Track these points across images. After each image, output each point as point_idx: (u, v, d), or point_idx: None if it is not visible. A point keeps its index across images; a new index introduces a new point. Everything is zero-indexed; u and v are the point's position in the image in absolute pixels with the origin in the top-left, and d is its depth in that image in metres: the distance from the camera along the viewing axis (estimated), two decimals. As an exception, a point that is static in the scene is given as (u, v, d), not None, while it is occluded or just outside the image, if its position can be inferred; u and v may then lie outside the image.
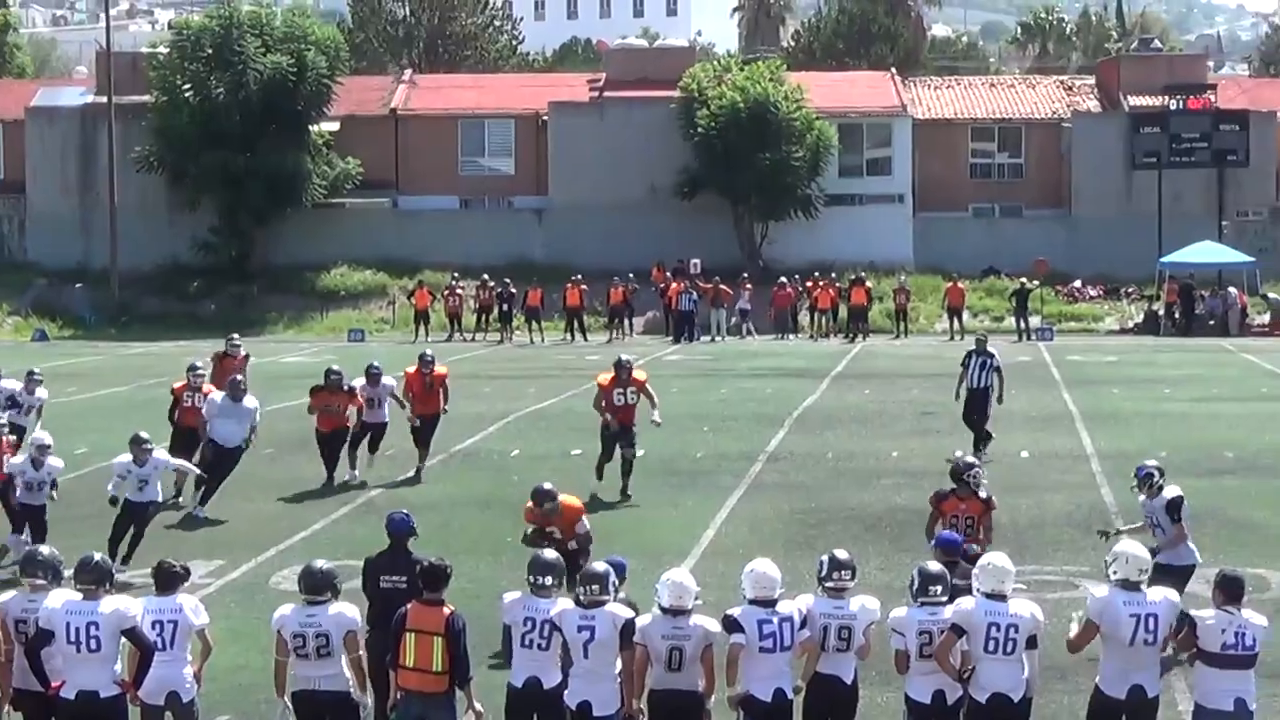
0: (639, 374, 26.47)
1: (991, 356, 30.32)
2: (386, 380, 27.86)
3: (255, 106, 65.89)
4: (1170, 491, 16.71)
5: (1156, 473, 16.90)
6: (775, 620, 12.71)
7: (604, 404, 25.83)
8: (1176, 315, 61.03)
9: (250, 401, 25.38)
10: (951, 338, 56.17)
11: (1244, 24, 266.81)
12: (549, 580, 12.94)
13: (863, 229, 69.06)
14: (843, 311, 60.35)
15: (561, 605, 12.84)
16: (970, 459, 17.30)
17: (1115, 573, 12.82)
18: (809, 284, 61.64)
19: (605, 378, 26.07)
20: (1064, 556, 21.70)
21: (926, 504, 18.19)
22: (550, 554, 13.31)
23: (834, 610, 12.96)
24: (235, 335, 33.01)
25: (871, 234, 68.97)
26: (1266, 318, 61.62)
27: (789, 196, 67.08)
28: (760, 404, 37.43)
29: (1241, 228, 69.87)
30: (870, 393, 39.34)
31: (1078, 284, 67.53)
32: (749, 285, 60.90)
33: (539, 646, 12.77)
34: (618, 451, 25.80)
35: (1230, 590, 12.57)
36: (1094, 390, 40.47)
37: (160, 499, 22.18)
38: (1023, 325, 58.81)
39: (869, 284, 61.07)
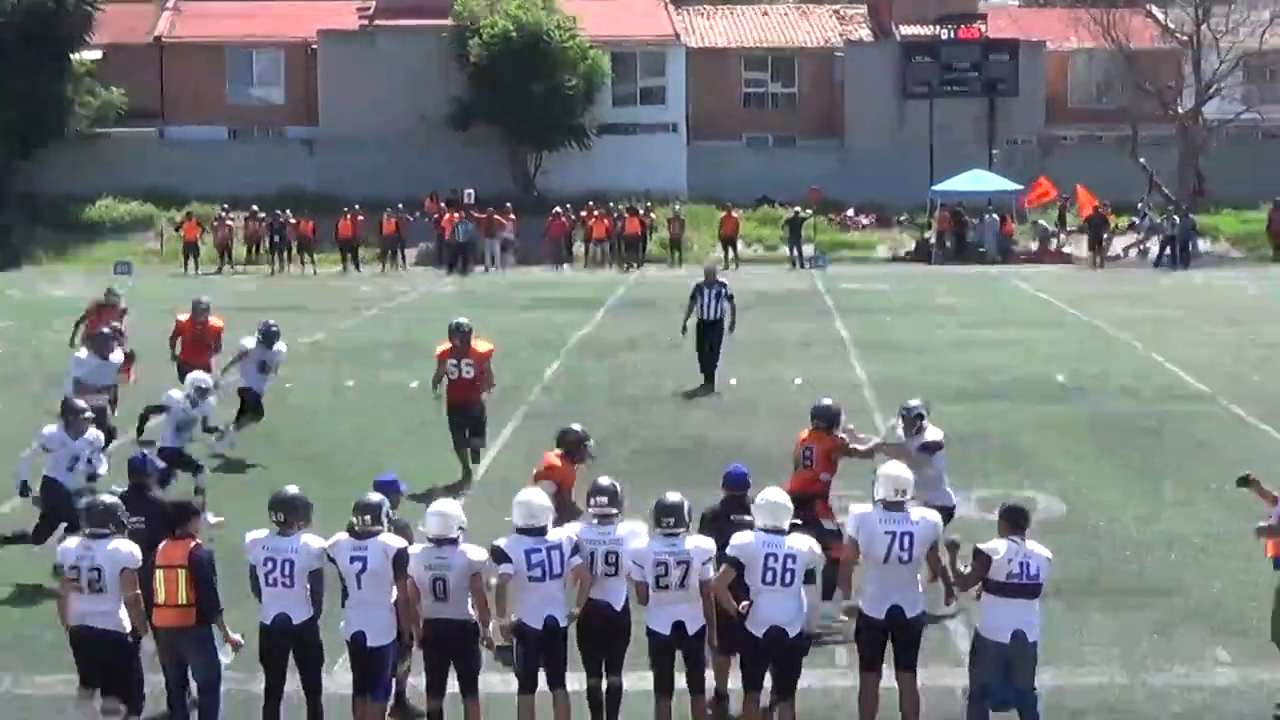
0: (480, 344, 22.43)
1: (724, 286, 30.15)
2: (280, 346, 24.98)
3: (13, 33, 63.92)
4: (932, 434, 16.64)
5: (925, 411, 16.84)
6: (544, 549, 12.64)
7: (438, 377, 22.30)
8: (948, 243, 61.77)
9: (119, 356, 23.47)
10: (726, 266, 56.30)
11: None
12: (283, 517, 12.75)
13: (637, 158, 68.94)
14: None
15: (336, 537, 12.70)
16: (828, 402, 17.07)
17: (876, 493, 12.96)
18: (583, 214, 61.40)
19: (441, 347, 22.15)
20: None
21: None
22: (290, 491, 13.04)
23: (599, 536, 12.91)
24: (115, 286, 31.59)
25: (646, 163, 68.87)
26: (1035, 244, 62.59)
27: (563, 126, 66.74)
28: (536, 333, 37.20)
29: (1011, 156, 70.85)
30: (645, 323, 39.25)
31: (850, 212, 68.04)
32: (512, 216, 60.39)
33: (283, 584, 12.59)
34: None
35: (1014, 520, 12.60)
36: (867, 318, 40.81)
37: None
38: (796, 254, 59.12)
39: (643, 214, 60.97)
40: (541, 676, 12.75)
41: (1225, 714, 13.71)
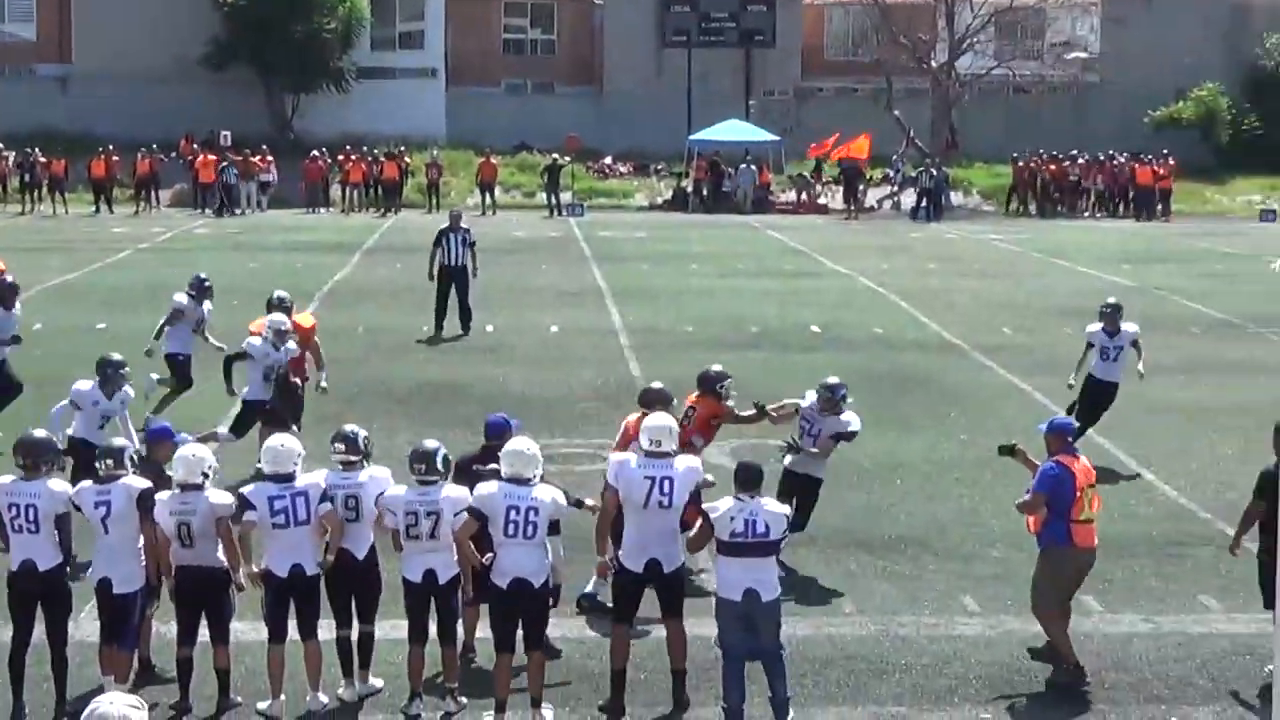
0: (303, 319, 21.29)
1: (467, 231, 30.11)
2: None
3: None
4: (851, 421, 16.39)
5: (846, 394, 16.60)
6: (288, 495, 12.46)
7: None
8: (704, 192, 62.02)
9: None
10: (483, 213, 55.99)
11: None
12: (26, 460, 12.39)
13: (395, 103, 68.32)
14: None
15: (82, 483, 12.49)
16: (716, 368, 16.85)
17: (641, 443, 12.89)
18: (340, 158, 60.60)
19: (257, 322, 20.20)
20: (592, 430, 21.71)
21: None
22: (36, 434, 12.71)
23: (341, 482, 12.76)
24: None
25: (404, 108, 68.30)
26: (792, 195, 63.11)
27: (320, 69, 65.89)
28: (291, 278, 36.61)
29: (767, 107, 71.36)
30: (401, 267, 38.84)
31: (608, 160, 68.08)
32: (269, 158, 59.48)
33: (28, 530, 12.27)
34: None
35: (744, 478, 12.41)
36: (623, 266, 40.83)
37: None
38: (554, 201, 58.91)
39: (401, 159, 60.38)
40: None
41: (971, 663, 13.86)
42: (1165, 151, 62.01)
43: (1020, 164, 61.60)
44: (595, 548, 13.04)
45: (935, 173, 60.36)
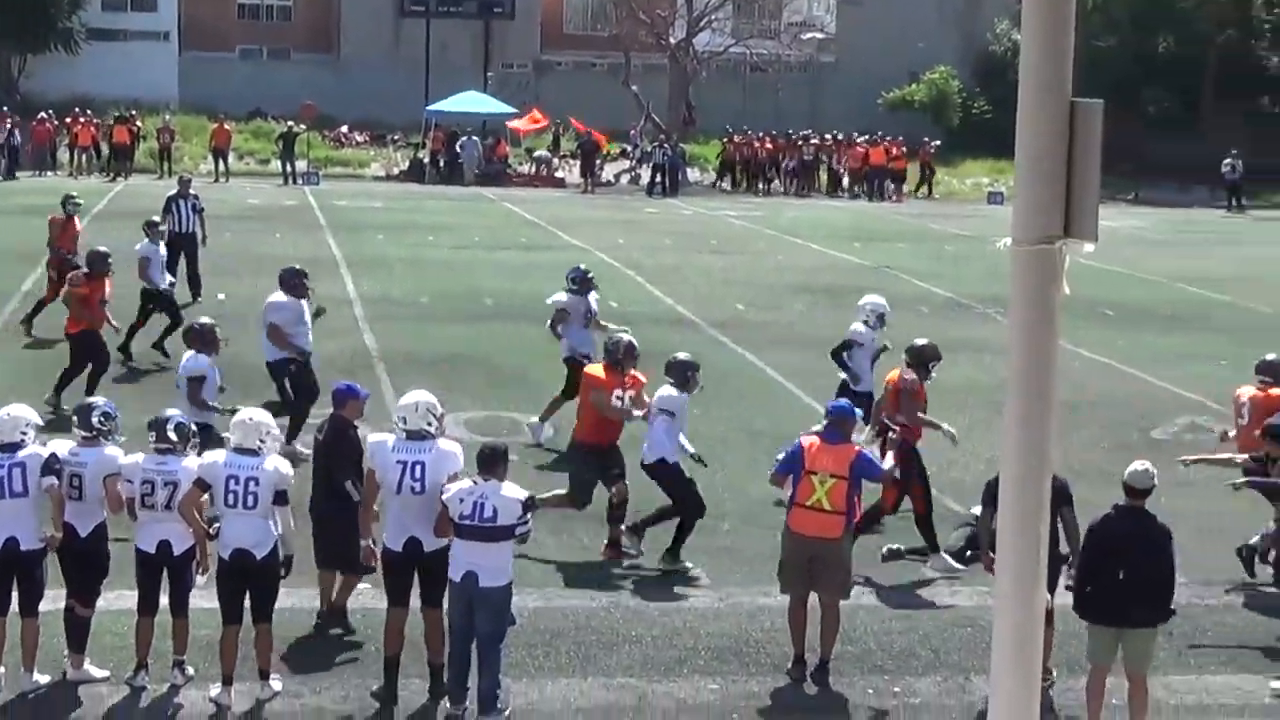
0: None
1: (196, 198, 29.76)
2: None
3: None
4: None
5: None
6: (6, 466, 12.26)
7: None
8: (441, 163, 61.66)
9: None
10: (216, 179, 55.06)
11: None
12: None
13: (126, 65, 66.99)
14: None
15: None
16: (622, 335, 16.66)
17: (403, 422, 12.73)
18: (69, 120, 59.11)
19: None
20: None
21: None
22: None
23: (69, 458, 12.53)
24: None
25: (135, 71, 66.99)
26: (529, 168, 63.05)
27: (48, 29, 64.24)
28: (15, 241, 35.66)
29: (506, 79, 71.23)
30: (131, 232, 37.96)
31: (345, 129, 67.42)
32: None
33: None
34: None
35: (480, 459, 12.27)
36: (359, 236, 40.46)
37: None
38: (289, 169, 58.09)
39: (132, 122, 59.06)
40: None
41: (701, 634, 13.98)
42: (900, 137, 63.19)
43: (732, 141, 62.13)
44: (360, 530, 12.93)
45: (671, 149, 60.70)
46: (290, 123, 59.90)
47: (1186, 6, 71.94)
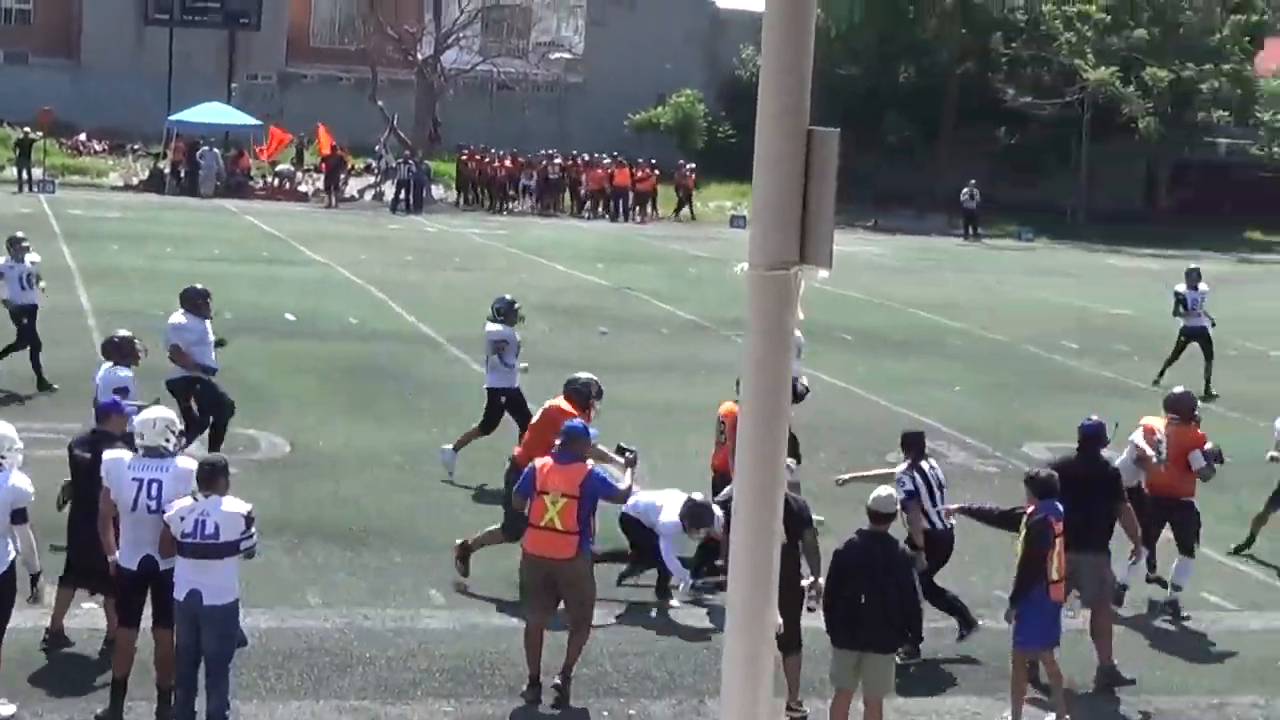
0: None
1: None
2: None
3: None
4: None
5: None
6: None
7: None
8: (183, 174, 60.64)
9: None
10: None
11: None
12: None
13: None
14: None
15: None
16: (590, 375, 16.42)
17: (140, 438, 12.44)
18: None
19: None
20: (54, 413, 20.95)
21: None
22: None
23: None
24: None
25: None
26: (274, 181, 62.25)
27: None
28: None
29: (250, 90, 70.36)
30: None
31: (83, 137, 66.05)
32: None
33: None
34: None
35: (202, 476, 11.96)
36: (94, 246, 39.63)
37: None
38: (25, 176, 56.69)
39: None
40: None
41: (436, 656, 13.88)
42: (653, 160, 63.63)
43: (473, 158, 62.02)
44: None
45: (416, 165, 60.38)
46: (27, 129, 58.48)
47: (927, 39, 73.47)
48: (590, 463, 13.68)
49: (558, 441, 13.73)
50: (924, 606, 12.95)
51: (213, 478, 11.91)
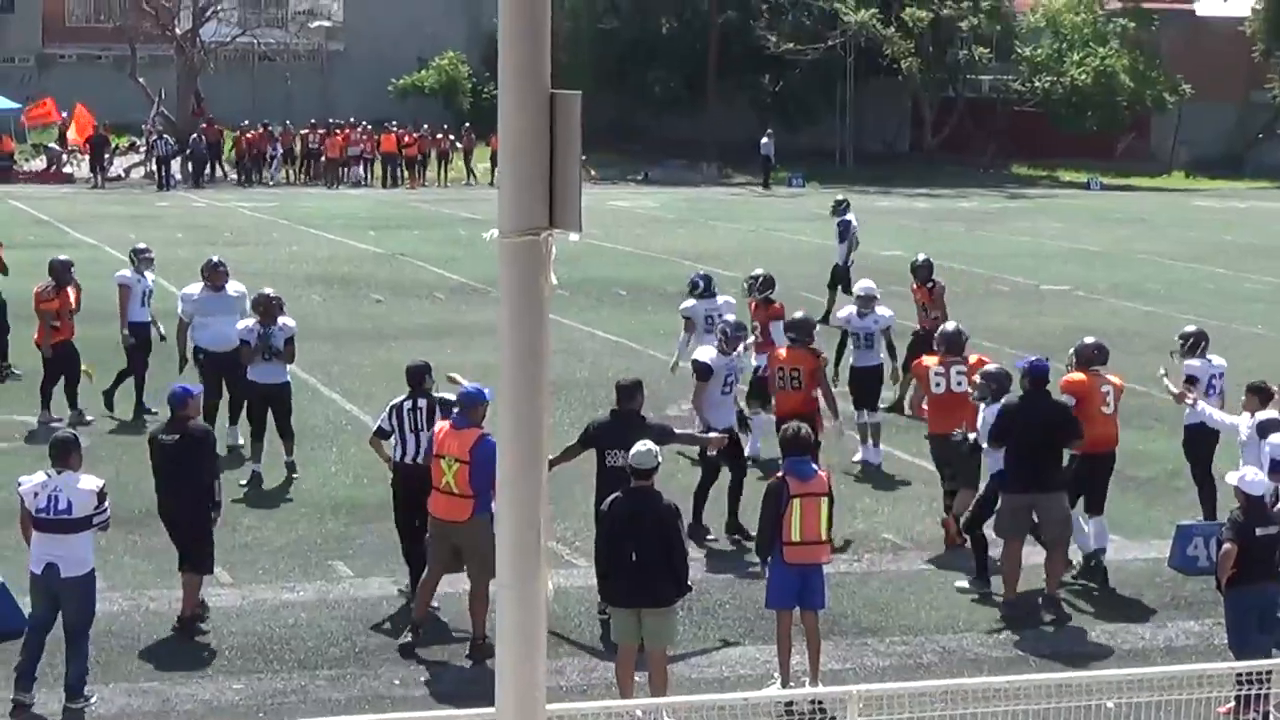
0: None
1: None
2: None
3: None
4: None
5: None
6: None
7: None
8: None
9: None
10: None
11: None
12: None
13: None
14: None
15: None
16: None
17: None
18: None
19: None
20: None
21: None
22: None
23: None
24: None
25: None
26: (41, 163, 61.01)
27: None
28: None
29: (8, 74, 68.97)
30: None
31: None
32: None
33: None
34: None
35: (54, 452, 12.43)
36: None
37: None
38: None
39: None
40: None
41: (224, 634, 13.88)
42: (427, 125, 63.32)
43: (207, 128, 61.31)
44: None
45: (190, 142, 59.49)
46: None
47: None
48: (484, 428, 13.66)
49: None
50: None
51: (65, 453, 12.23)
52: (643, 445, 12.60)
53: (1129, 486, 18.45)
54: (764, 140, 64.67)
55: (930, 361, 17.16)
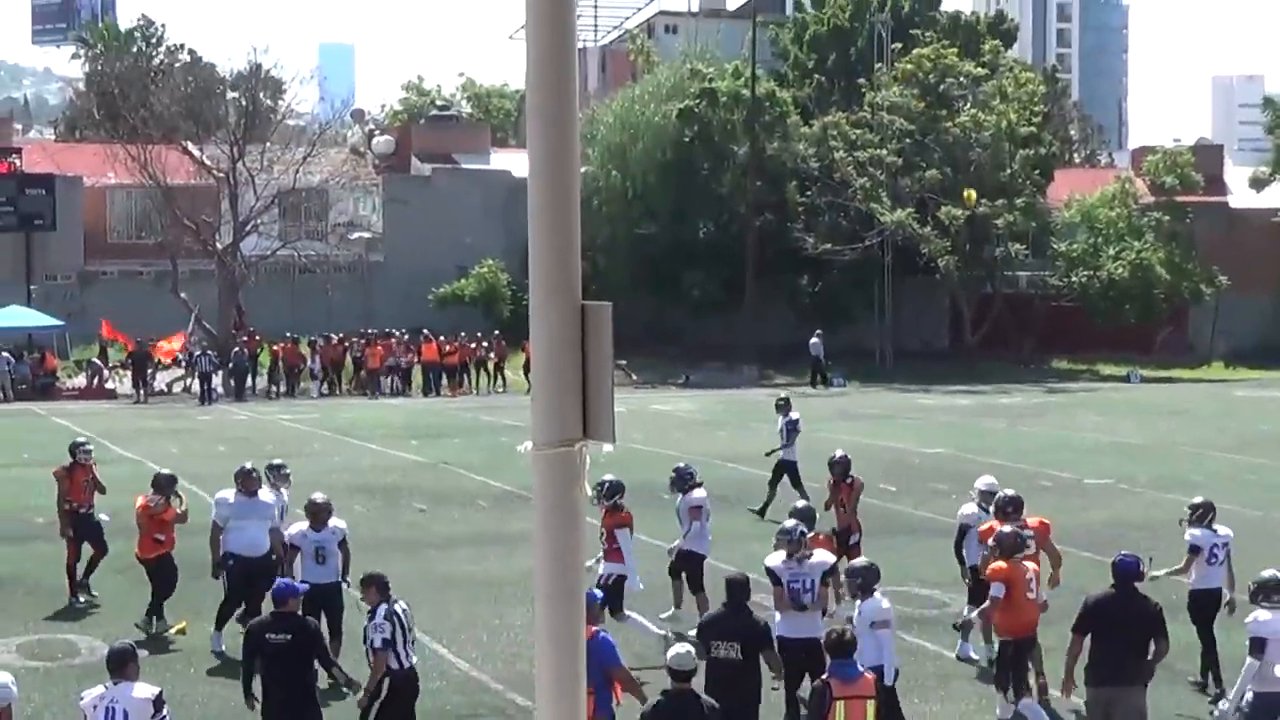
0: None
1: None
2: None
3: None
4: None
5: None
6: None
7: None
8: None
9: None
10: None
11: (51, 88, 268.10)
12: None
13: None
14: None
15: None
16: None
17: None
18: None
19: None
20: None
21: None
22: None
23: None
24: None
25: None
26: (80, 380, 61.49)
27: None
28: None
29: (50, 291, 69.66)
30: None
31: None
32: None
33: None
34: None
35: (111, 663, 12.39)
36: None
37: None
38: None
39: None
40: None
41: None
42: (463, 334, 63.74)
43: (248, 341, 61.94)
44: None
45: (231, 356, 59.99)
46: None
47: (723, 193, 74.41)
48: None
49: None
50: None
51: (122, 663, 12.07)
52: (682, 647, 12.43)
53: (1177, 680, 18.21)
54: (813, 340, 65.03)
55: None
